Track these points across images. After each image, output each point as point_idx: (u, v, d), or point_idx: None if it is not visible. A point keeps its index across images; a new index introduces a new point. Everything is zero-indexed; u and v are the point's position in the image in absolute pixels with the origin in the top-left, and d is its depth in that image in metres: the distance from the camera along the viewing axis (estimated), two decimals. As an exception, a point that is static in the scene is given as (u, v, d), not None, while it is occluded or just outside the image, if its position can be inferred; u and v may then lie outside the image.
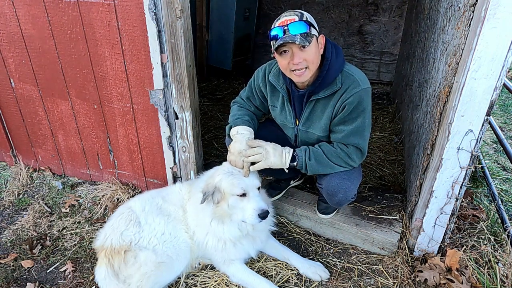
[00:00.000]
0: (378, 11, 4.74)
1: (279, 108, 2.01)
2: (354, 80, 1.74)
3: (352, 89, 1.72)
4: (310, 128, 1.94)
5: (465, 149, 1.79)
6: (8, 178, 3.05)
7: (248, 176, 1.89)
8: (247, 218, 1.86)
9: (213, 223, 1.97)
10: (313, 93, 1.81)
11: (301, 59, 1.64)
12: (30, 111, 2.85)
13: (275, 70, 1.93)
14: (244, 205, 1.87)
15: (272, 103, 2.04)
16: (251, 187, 1.89)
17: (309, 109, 1.88)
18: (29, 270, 2.21)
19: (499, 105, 4.68)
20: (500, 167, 3.25)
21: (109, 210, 2.61)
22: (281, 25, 1.62)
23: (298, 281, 2.03)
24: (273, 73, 1.94)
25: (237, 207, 1.89)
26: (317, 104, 1.86)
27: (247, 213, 1.85)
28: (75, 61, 2.46)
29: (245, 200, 1.87)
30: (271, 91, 2.00)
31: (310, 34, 1.61)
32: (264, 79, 1.99)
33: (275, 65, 1.95)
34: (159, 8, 2.04)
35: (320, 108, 1.86)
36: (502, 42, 1.54)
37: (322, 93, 1.79)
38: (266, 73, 1.98)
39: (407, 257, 2.13)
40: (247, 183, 1.89)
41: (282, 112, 2.01)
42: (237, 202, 1.88)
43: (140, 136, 2.57)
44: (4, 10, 2.45)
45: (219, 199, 1.91)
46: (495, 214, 2.48)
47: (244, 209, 1.87)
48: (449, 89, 1.82)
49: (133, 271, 1.88)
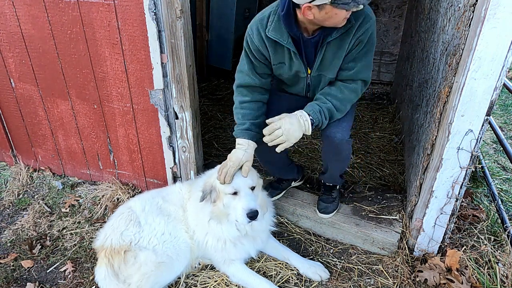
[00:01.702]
0: (378, 11, 4.73)
1: (287, 63, 1.88)
2: (364, 14, 1.70)
3: (365, 24, 1.70)
4: (323, 72, 1.89)
5: (465, 149, 1.79)
6: (8, 178, 3.05)
7: (246, 176, 1.89)
8: (237, 218, 1.87)
9: (211, 222, 1.97)
10: (327, 35, 1.73)
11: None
12: (30, 111, 2.85)
13: (274, 25, 1.75)
14: (236, 204, 1.88)
15: (278, 61, 1.89)
16: (243, 186, 1.89)
17: (321, 54, 1.80)
18: (29, 270, 2.21)
19: (499, 105, 4.67)
20: (500, 167, 3.25)
21: (109, 210, 2.61)
22: None
23: (298, 281, 2.03)
24: (272, 28, 1.75)
25: (230, 207, 1.90)
26: (328, 47, 1.79)
27: (237, 212, 1.86)
28: (75, 61, 2.46)
29: (236, 199, 1.88)
30: (274, 49, 1.84)
31: None
32: (261, 39, 1.81)
33: (269, 20, 1.78)
34: (159, 8, 2.04)
35: (332, 49, 1.79)
36: (502, 42, 1.54)
37: (335, 33, 1.71)
38: (261, 31, 1.79)
39: (407, 257, 2.13)
40: (238, 182, 1.89)
41: (292, 66, 1.88)
42: (230, 201, 1.89)
43: (140, 136, 2.57)
44: (4, 10, 2.45)
45: (215, 198, 1.92)
46: (495, 214, 2.48)
47: (235, 208, 1.88)
48: (449, 89, 1.82)
49: (133, 271, 1.88)
